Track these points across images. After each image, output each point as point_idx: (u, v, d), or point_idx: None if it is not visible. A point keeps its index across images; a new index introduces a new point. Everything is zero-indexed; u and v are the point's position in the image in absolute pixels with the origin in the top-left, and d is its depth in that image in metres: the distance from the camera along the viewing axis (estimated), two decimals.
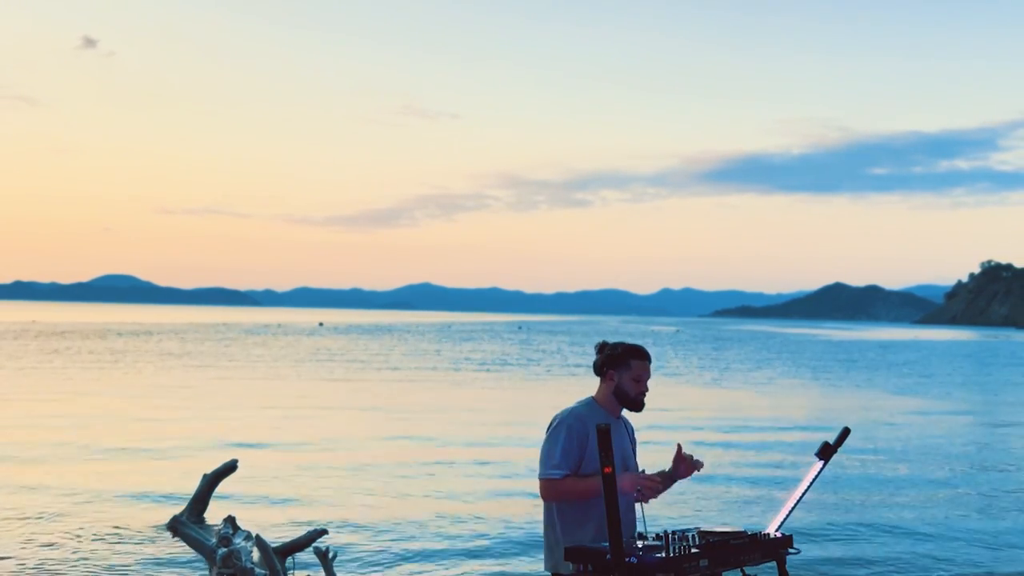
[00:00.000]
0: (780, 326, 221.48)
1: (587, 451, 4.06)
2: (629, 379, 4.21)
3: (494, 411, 24.15)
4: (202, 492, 10.13)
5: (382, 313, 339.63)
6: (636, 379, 4.21)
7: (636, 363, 4.21)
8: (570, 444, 4.06)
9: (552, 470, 4.06)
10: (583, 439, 4.07)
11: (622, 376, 4.21)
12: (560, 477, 4.05)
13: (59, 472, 13.72)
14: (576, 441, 4.07)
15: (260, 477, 13.26)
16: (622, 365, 4.21)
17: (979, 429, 22.30)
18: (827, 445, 4.36)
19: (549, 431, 4.16)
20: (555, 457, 4.07)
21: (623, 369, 4.21)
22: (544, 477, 4.08)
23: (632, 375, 4.21)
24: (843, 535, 10.55)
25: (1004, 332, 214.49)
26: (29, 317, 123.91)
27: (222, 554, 7.93)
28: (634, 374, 4.21)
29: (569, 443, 4.06)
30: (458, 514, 11.38)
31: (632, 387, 4.21)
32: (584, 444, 4.07)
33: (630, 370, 4.21)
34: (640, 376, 4.22)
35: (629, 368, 4.21)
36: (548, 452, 4.10)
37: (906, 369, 49.14)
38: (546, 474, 4.07)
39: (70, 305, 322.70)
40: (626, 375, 4.21)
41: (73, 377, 32.20)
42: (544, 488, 4.09)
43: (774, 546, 4.10)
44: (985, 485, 14.21)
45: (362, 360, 46.46)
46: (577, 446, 4.07)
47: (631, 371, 4.21)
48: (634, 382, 4.21)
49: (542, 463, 4.12)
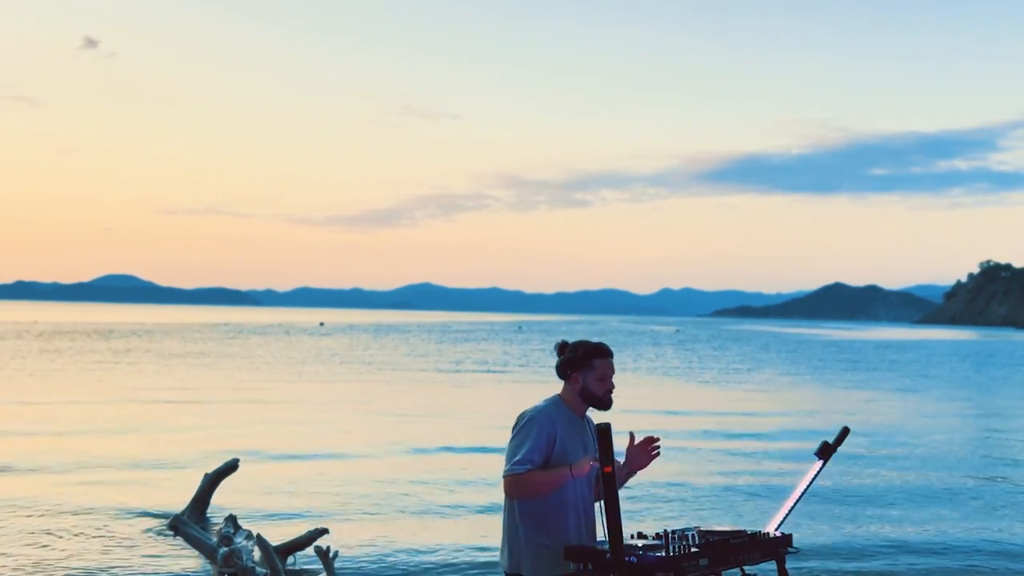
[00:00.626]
0: (780, 326, 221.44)
1: (555, 449, 4.03)
2: (594, 379, 4.13)
3: (494, 412, 24.17)
4: (203, 491, 10.16)
5: (382, 313, 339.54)
6: (601, 378, 4.14)
7: (599, 362, 4.14)
8: (539, 441, 4.00)
9: (517, 465, 3.97)
10: (552, 437, 4.04)
11: (587, 377, 4.14)
12: (524, 472, 3.96)
13: (61, 471, 13.75)
14: (545, 439, 4.02)
15: (261, 476, 13.27)
16: (585, 366, 4.13)
17: (978, 429, 22.32)
18: (827, 444, 4.37)
19: (517, 428, 4.07)
20: (522, 452, 3.98)
21: (587, 370, 4.13)
22: (509, 473, 3.98)
23: (596, 375, 4.14)
24: (841, 534, 10.57)
25: (1003, 332, 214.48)
26: (31, 317, 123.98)
27: (223, 553, 7.96)
28: (598, 373, 4.14)
29: (539, 440, 4.00)
30: (458, 513, 11.41)
31: (598, 387, 4.14)
32: (552, 442, 4.03)
33: (594, 370, 4.13)
34: (605, 375, 4.14)
35: (593, 368, 4.13)
36: (515, 448, 4.02)
37: (905, 369, 49.15)
38: (511, 469, 3.98)
39: (71, 305, 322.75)
40: (591, 375, 4.13)
41: (75, 377, 32.22)
42: (509, 484, 3.99)
43: (773, 545, 4.11)
44: (984, 485, 14.22)
45: (363, 360, 46.47)
46: (546, 444, 4.02)
47: (595, 371, 4.13)
48: (599, 381, 4.14)
49: (508, 459, 4.03)
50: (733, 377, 39.79)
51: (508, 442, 4.10)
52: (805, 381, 38.05)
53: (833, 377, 41.00)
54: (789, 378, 39.76)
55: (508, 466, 4.01)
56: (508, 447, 4.08)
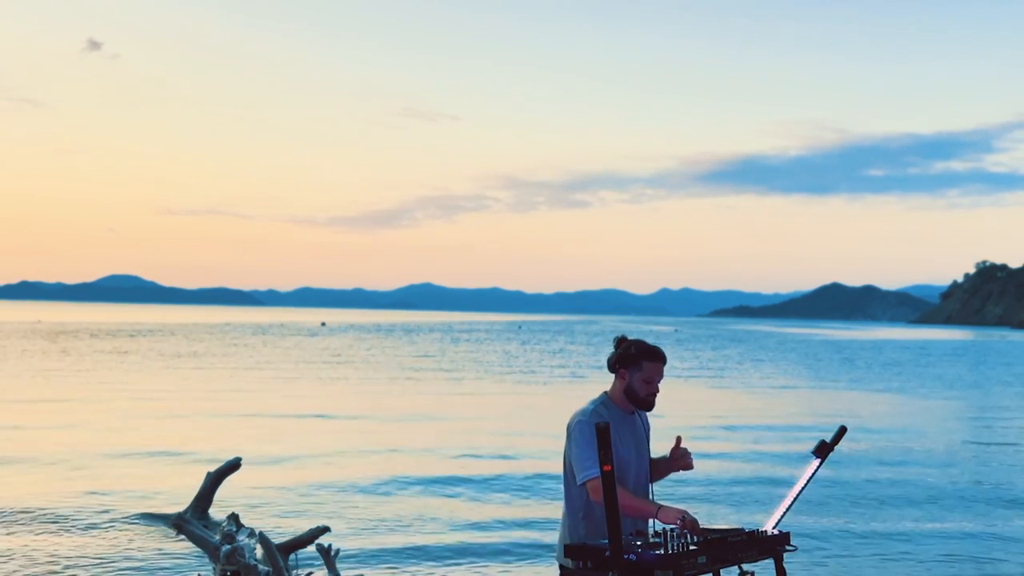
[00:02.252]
0: (777, 326, 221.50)
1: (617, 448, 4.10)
2: (640, 379, 4.24)
3: (495, 412, 24.24)
4: (206, 490, 10.21)
5: (384, 313, 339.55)
6: (647, 380, 4.24)
7: (648, 364, 4.23)
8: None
9: (595, 468, 3.98)
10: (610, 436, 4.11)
11: (633, 376, 4.24)
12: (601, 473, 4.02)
13: (65, 470, 13.80)
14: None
15: (263, 475, 13.34)
16: (634, 365, 4.23)
17: (974, 427, 22.37)
18: (824, 443, 4.40)
19: (575, 433, 4.16)
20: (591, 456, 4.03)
21: (635, 369, 4.23)
22: (591, 477, 4.04)
23: (644, 376, 4.24)
24: (837, 532, 10.63)
25: (999, 331, 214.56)
26: (34, 317, 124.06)
27: (226, 551, 8.01)
28: (646, 375, 4.24)
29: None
30: (459, 511, 11.46)
31: (642, 387, 4.24)
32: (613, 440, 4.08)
33: (642, 371, 4.23)
34: (651, 378, 4.25)
35: (641, 369, 4.23)
36: (582, 454, 4.09)
37: (902, 368, 49.22)
38: (590, 474, 4.04)
39: (75, 305, 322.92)
40: (637, 375, 4.24)
41: (76, 375, 32.24)
42: (593, 490, 4.04)
43: (771, 543, 4.13)
44: (980, 483, 14.27)
45: (364, 360, 46.49)
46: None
47: (643, 372, 4.23)
48: (644, 383, 4.24)
49: (579, 467, 4.10)
50: (731, 376, 39.85)
51: (570, 451, 4.18)
52: (802, 380, 38.10)
53: (830, 376, 41.06)
54: (786, 377, 39.81)
55: (584, 472, 4.08)
56: (572, 454, 4.16)
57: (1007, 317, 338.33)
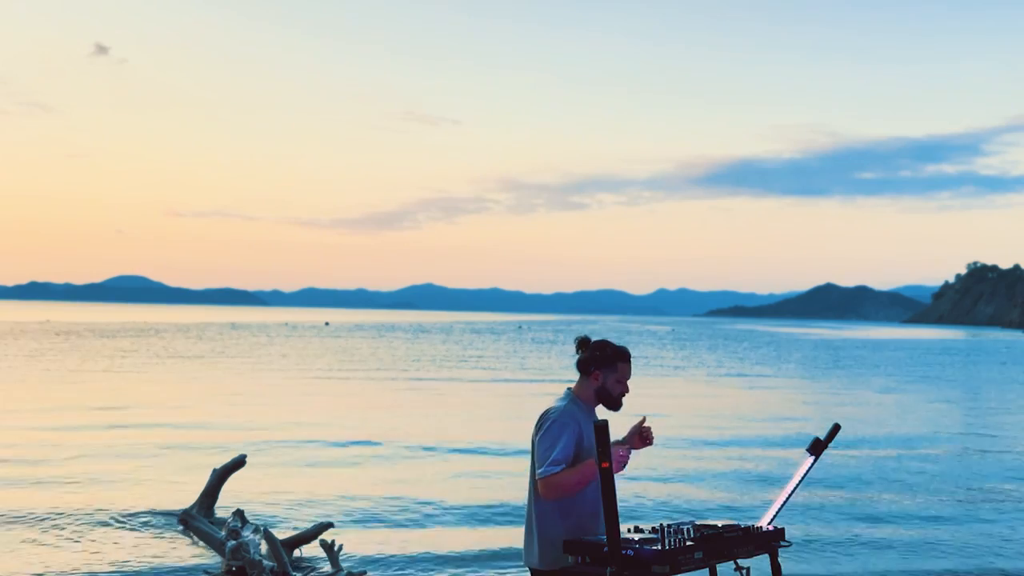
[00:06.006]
0: (772, 325, 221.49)
1: (583, 446, 4.16)
2: (614, 380, 4.29)
3: (495, 413, 24.32)
4: (212, 487, 10.30)
5: (386, 313, 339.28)
6: (620, 380, 4.33)
7: (622, 365, 4.30)
8: (569, 440, 4.13)
9: (552, 466, 4.06)
10: (578, 435, 4.17)
11: (608, 376, 4.28)
12: (559, 471, 4.08)
13: (70, 467, 13.87)
14: (574, 437, 4.15)
15: (268, 472, 13.45)
16: (609, 366, 4.28)
17: (965, 425, 22.46)
18: (818, 441, 4.48)
19: (544, 429, 4.16)
20: (554, 454, 4.08)
21: (609, 370, 4.28)
22: (546, 475, 4.07)
23: (617, 376, 4.31)
24: (831, 528, 10.73)
25: (989, 331, 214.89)
26: (43, 316, 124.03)
27: (231, 547, 8.16)
28: (619, 376, 4.31)
29: (568, 439, 4.13)
30: (460, 509, 11.55)
31: (616, 388, 4.32)
32: (580, 440, 4.17)
33: (616, 372, 4.29)
34: (624, 378, 4.34)
35: (615, 370, 4.28)
36: (547, 450, 4.11)
37: (894, 367, 49.38)
38: (546, 471, 4.07)
39: (83, 305, 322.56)
40: (612, 376, 4.28)
41: (82, 374, 32.27)
42: (545, 485, 4.08)
43: (767, 539, 4.21)
44: (973, 482, 14.35)
45: (368, 359, 46.51)
46: (574, 442, 4.15)
47: (617, 372, 4.29)
48: (618, 383, 4.32)
49: (541, 461, 4.12)
50: (726, 375, 39.97)
51: (536, 444, 4.20)
52: (797, 379, 38.21)
53: (824, 375, 41.18)
54: (781, 376, 39.91)
55: (544, 468, 4.10)
56: (538, 449, 4.18)
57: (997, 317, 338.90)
